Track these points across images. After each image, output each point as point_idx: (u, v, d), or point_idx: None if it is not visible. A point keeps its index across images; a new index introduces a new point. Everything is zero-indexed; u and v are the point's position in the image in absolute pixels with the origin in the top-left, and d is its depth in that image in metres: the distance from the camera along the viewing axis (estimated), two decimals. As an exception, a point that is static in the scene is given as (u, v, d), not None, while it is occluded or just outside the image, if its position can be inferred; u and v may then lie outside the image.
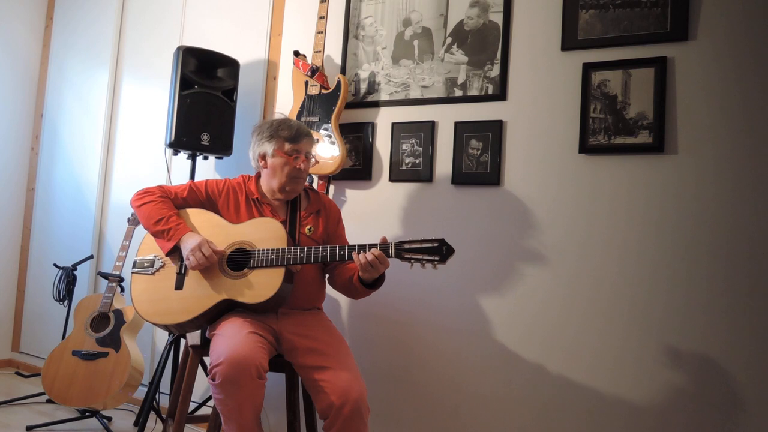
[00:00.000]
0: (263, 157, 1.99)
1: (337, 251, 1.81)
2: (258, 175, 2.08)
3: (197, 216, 1.98)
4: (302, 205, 2.06)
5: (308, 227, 2.02)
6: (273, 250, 1.83)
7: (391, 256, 1.78)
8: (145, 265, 1.95)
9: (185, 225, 1.91)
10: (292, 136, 1.95)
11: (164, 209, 1.92)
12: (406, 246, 1.77)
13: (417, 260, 1.75)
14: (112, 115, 3.37)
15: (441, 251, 1.74)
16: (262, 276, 1.83)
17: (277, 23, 2.82)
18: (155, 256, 1.95)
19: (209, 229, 1.93)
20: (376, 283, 1.90)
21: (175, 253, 1.89)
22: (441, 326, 2.29)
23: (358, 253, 1.77)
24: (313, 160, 2.03)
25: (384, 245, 1.78)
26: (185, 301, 1.86)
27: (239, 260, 1.87)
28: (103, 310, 2.70)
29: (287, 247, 1.83)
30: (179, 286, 1.89)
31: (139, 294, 1.92)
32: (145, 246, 1.98)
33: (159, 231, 1.89)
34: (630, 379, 1.95)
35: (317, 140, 2.40)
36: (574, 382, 2.04)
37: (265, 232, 1.89)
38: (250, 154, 2.05)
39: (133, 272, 1.96)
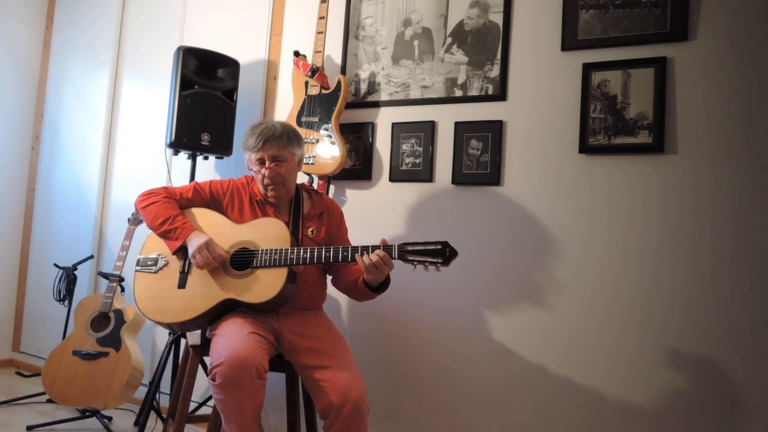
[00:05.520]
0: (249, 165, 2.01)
1: (341, 252, 1.81)
2: None
3: (202, 215, 1.98)
4: (305, 207, 2.06)
5: (311, 229, 2.02)
6: (276, 250, 1.83)
7: (395, 258, 1.78)
8: (149, 263, 1.95)
9: (191, 224, 1.92)
10: (254, 146, 1.93)
11: (169, 209, 1.93)
12: (410, 248, 1.77)
13: (420, 262, 1.75)
14: (113, 115, 3.37)
15: (444, 253, 1.74)
16: (266, 276, 1.83)
17: (278, 23, 2.82)
18: (159, 255, 1.95)
19: (213, 229, 1.93)
20: (381, 286, 1.90)
21: (181, 251, 1.90)
22: (441, 326, 2.29)
23: (362, 255, 1.77)
24: (295, 161, 1.99)
25: (387, 247, 1.78)
26: (188, 299, 1.86)
27: (243, 260, 1.87)
28: (104, 310, 2.70)
29: (290, 248, 1.84)
30: (182, 284, 1.89)
31: (142, 292, 1.92)
32: (149, 244, 1.98)
33: (165, 231, 1.90)
34: (628, 379, 1.95)
35: (317, 140, 2.41)
36: (573, 381, 2.04)
37: (268, 233, 1.89)
38: None
39: (136, 270, 1.96)
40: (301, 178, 2.33)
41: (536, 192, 2.15)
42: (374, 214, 2.47)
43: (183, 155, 2.69)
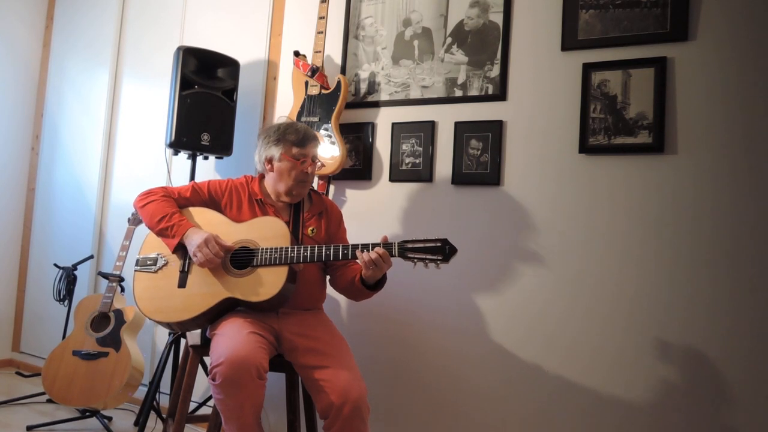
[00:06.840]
0: (270, 160, 1.99)
1: (341, 250, 1.81)
2: (261, 176, 2.08)
3: (200, 214, 1.98)
4: (305, 207, 2.06)
5: (311, 228, 2.02)
6: (276, 248, 1.83)
7: (395, 256, 1.78)
8: (148, 263, 1.95)
9: (188, 221, 1.92)
10: (299, 141, 1.96)
11: (167, 207, 1.93)
12: (410, 245, 1.77)
13: (420, 260, 1.76)
14: (113, 115, 3.37)
15: (444, 251, 1.75)
16: (266, 274, 1.83)
17: (277, 23, 2.82)
18: (158, 254, 1.95)
19: (212, 228, 1.93)
20: (378, 284, 1.90)
21: (180, 250, 1.90)
22: (441, 325, 2.29)
23: (362, 251, 1.78)
24: (319, 163, 2.04)
25: (387, 244, 1.79)
26: (188, 299, 1.86)
27: (243, 258, 1.87)
28: (104, 309, 2.70)
29: (291, 246, 1.84)
30: (182, 284, 1.89)
31: (142, 292, 1.92)
32: (148, 244, 1.98)
33: (162, 229, 1.90)
34: (627, 378, 1.95)
35: (317, 140, 2.41)
36: (573, 381, 2.04)
37: (268, 231, 1.89)
38: (256, 158, 2.04)
39: (135, 270, 1.96)
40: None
41: (536, 192, 2.15)
42: (374, 214, 2.47)
43: (183, 155, 2.69)
